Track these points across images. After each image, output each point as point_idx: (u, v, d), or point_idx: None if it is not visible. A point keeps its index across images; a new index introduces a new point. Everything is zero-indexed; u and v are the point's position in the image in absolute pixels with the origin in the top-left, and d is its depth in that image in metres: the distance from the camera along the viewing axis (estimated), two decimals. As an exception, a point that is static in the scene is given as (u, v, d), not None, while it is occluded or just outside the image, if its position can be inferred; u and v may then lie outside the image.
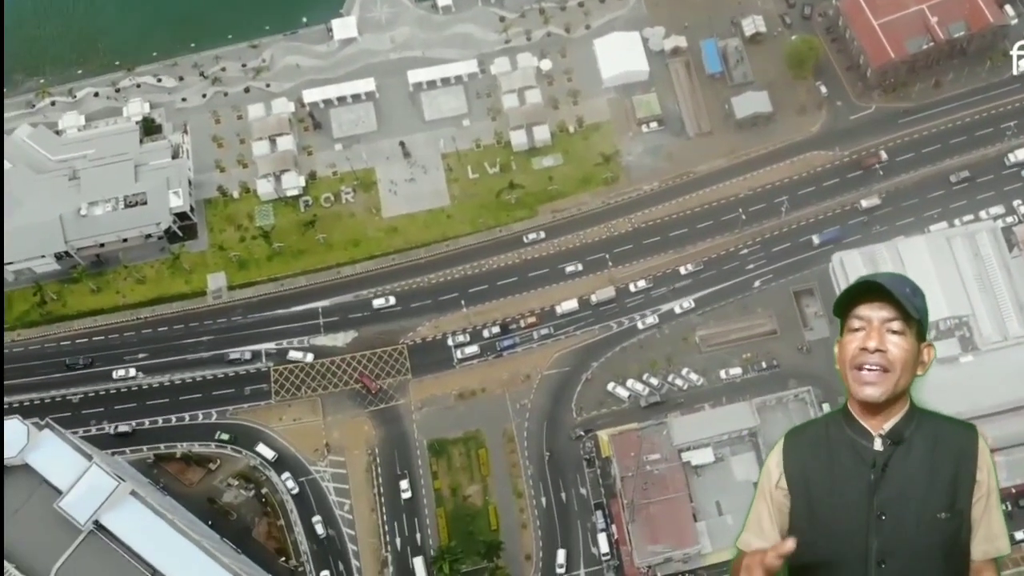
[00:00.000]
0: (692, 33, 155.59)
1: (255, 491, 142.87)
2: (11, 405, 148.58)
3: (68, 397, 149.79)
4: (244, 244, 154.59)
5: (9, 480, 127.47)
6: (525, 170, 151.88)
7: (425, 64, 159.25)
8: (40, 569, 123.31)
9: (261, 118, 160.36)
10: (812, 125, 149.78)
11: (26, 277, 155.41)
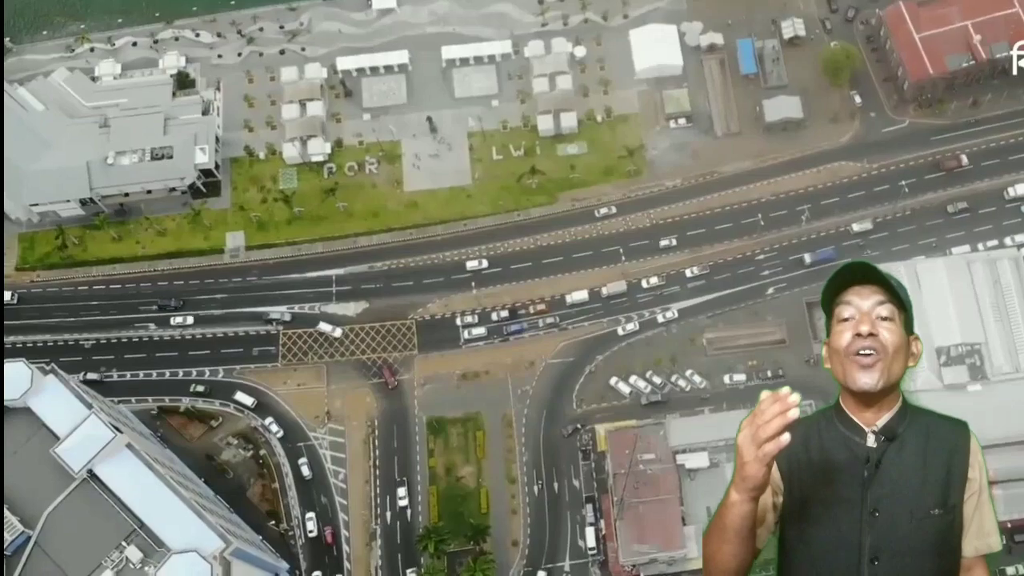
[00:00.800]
0: (730, 31, 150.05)
1: (253, 452, 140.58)
2: (24, 345, 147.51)
3: (80, 342, 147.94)
4: (265, 206, 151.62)
5: (10, 422, 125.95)
6: (549, 156, 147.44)
7: (460, 41, 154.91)
8: (31, 512, 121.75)
9: (293, 81, 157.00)
10: (843, 135, 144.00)
11: (50, 220, 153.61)
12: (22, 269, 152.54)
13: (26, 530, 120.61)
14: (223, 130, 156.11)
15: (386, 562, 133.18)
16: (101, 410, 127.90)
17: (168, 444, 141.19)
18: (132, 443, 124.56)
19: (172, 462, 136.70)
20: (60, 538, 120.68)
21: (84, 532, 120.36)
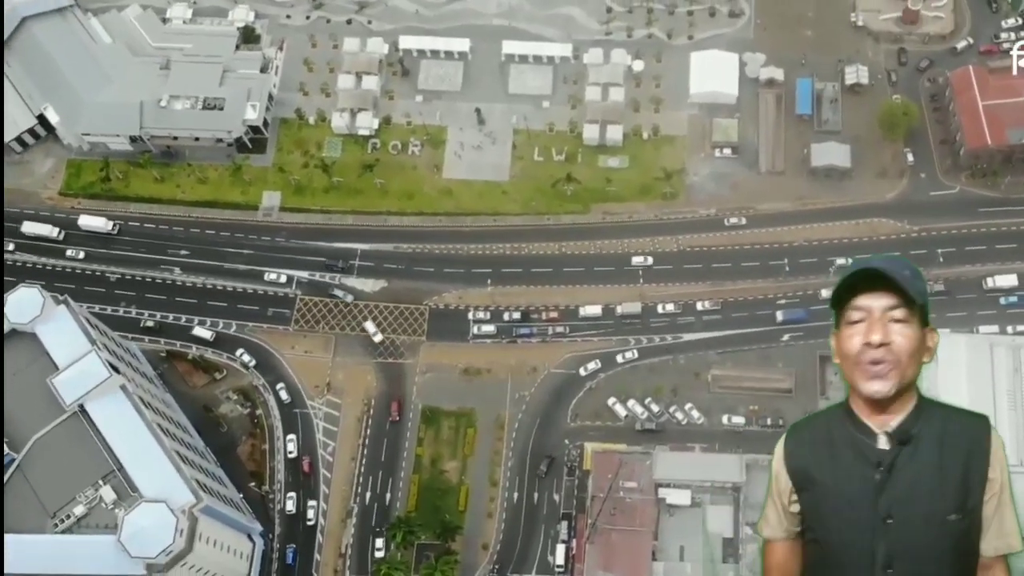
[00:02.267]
0: (792, 68, 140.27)
1: (251, 410, 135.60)
2: (52, 268, 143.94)
3: (107, 274, 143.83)
4: (306, 170, 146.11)
5: (15, 344, 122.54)
6: (589, 165, 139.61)
7: (522, 37, 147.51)
8: (20, 436, 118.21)
9: (354, 53, 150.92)
10: (888, 191, 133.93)
11: (99, 151, 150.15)
12: (65, 194, 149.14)
13: (11, 452, 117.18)
14: (278, 89, 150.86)
15: (357, 541, 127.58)
16: (105, 347, 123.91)
17: (170, 388, 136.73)
18: (126, 385, 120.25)
19: (169, 407, 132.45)
20: (42, 466, 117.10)
21: (65, 465, 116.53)
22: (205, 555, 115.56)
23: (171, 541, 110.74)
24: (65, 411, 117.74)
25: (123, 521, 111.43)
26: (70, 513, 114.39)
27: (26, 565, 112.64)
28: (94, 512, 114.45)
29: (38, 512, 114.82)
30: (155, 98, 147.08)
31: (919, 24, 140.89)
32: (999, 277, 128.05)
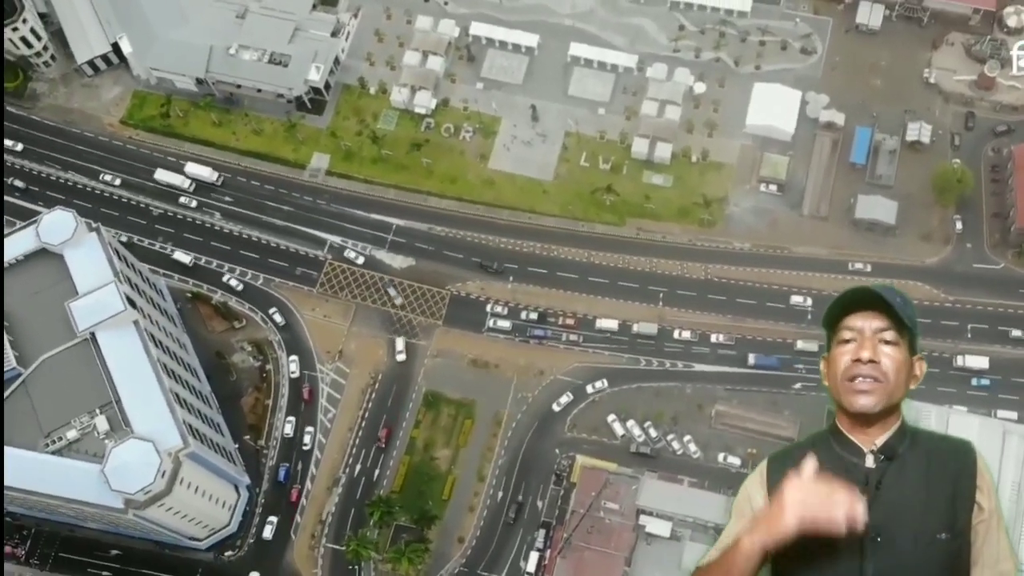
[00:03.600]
0: (854, 114, 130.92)
1: (261, 364, 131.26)
2: (99, 193, 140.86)
3: (150, 208, 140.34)
4: (358, 138, 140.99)
5: (43, 262, 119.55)
6: (633, 178, 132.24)
7: (591, 41, 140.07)
8: (29, 353, 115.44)
9: (425, 31, 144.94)
10: (930, 256, 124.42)
11: (164, 86, 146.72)
12: (126, 123, 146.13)
13: (19, 367, 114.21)
14: (346, 55, 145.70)
15: (339, 512, 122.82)
16: (128, 280, 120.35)
17: (189, 330, 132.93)
18: (139, 321, 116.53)
19: (184, 347, 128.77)
20: (45, 386, 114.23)
21: (67, 388, 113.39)
22: (184, 499, 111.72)
23: (151, 481, 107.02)
24: (76, 336, 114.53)
25: (110, 453, 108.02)
26: (63, 436, 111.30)
27: (11, 477, 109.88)
28: (85, 439, 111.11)
29: (33, 429, 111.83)
30: (225, 45, 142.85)
31: (993, 91, 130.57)
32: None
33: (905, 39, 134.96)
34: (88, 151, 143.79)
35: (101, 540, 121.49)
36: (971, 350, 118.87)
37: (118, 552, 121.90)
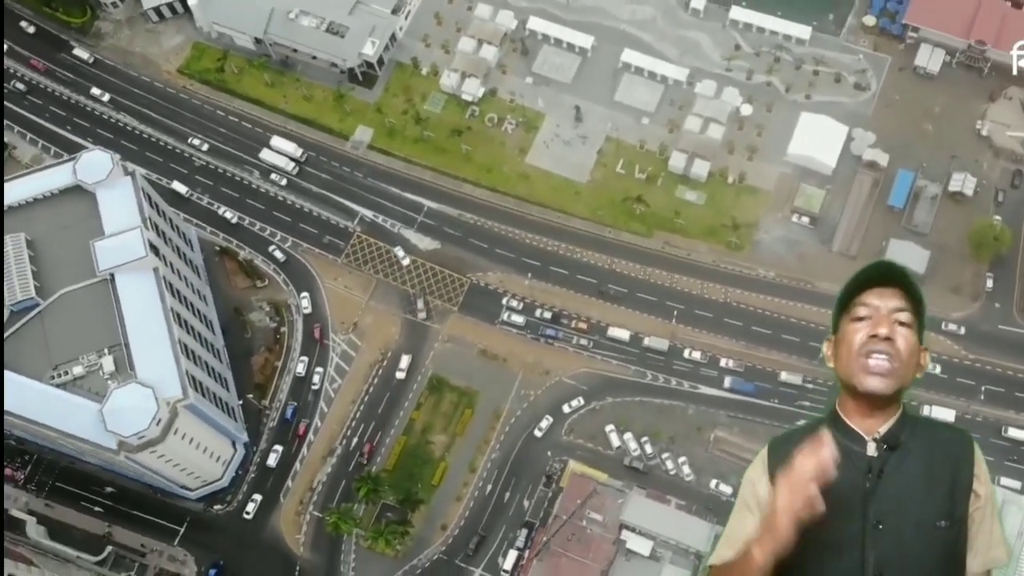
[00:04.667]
0: (898, 156, 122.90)
1: (276, 326, 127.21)
2: (147, 137, 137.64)
3: (192, 157, 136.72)
4: (403, 117, 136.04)
5: (75, 198, 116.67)
6: (666, 191, 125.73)
7: (644, 50, 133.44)
8: (50, 285, 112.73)
9: (483, 20, 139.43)
10: (956, 310, 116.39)
11: (224, 41, 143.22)
12: (182, 72, 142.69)
13: (37, 298, 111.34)
14: (404, 34, 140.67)
15: (330, 482, 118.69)
16: (155, 227, 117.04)
17: (212, 282, 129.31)
18: (159, 269, 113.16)
19: (203, 299, 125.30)
20: (59, 319, 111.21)
21: (80, 325, 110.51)
22: (177, 449, 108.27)
23: (146, 427, 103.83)
24: (96, 276, 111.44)
25: (111, 394, 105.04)
26: (69, 371, 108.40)
27: (14, 404, 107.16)
28: (90, 377, 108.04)
29: (42, 360, 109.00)
30: (287, 8, 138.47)
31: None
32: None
33: (962, 87, 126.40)
34: (142, 95, 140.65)
35: (97, 476, 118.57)
36: (983, 411, 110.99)
37: (112, 490, 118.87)
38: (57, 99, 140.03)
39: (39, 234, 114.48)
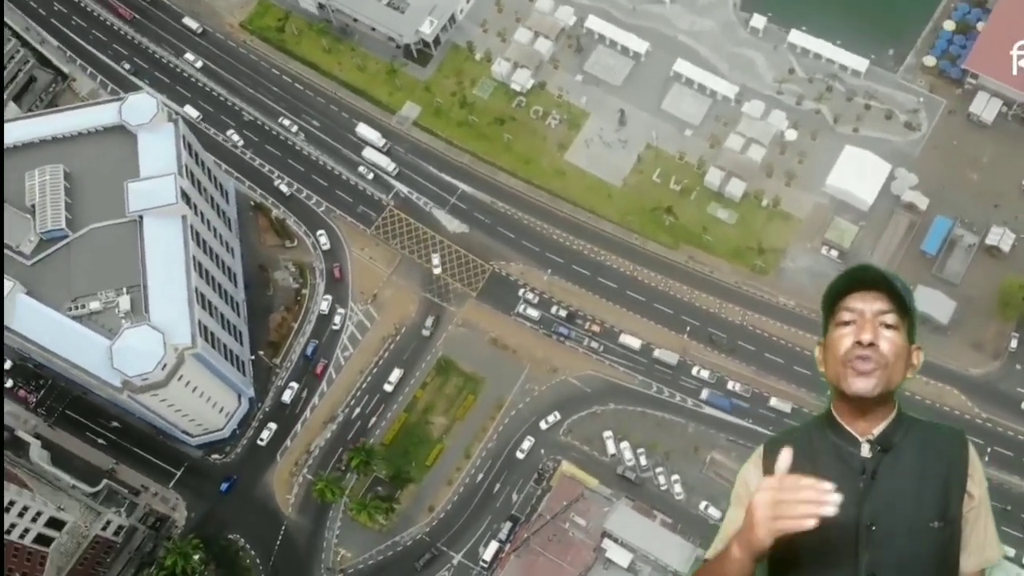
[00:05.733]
0: (938, 201, 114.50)
1: (299, 288, 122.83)
2: (202, 86, 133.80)
3: (242, 111, 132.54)
4: (451, 98, 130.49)
5: (116, 137, 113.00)
6: (698, 206, 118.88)
7: (698, 62, 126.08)
8: (81, 219, 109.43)
9: (543, 13, 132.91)
10: (975, 366, 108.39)
11: (288, 2, 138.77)
12: (244, 27, 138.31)
13: (67, 230, 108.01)
14: (463, 16, 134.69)
15: (327, 448, 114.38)
16: (191, 175, 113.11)
17: (243, 236, 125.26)
18: (187, 217, 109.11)
19: (231, 252, 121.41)
20: (84, 253, 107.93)
21: (103, 261, 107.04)
22: (179, 395, 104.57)
23: (150, 369, 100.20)
24: (126, 216, 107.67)
25: (122, 333, 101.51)
26: (87, 304, 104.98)
27: (29, 329, 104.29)
28: (106, 313, 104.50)
29: (63, 291, 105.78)
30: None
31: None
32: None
33: (1014, 140, 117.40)
34: (203, 45, 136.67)
35: (105, 409, 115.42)
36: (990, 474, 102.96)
37: (118, 425, 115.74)
38: (121, 37, 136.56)
39: (78, 168, 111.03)
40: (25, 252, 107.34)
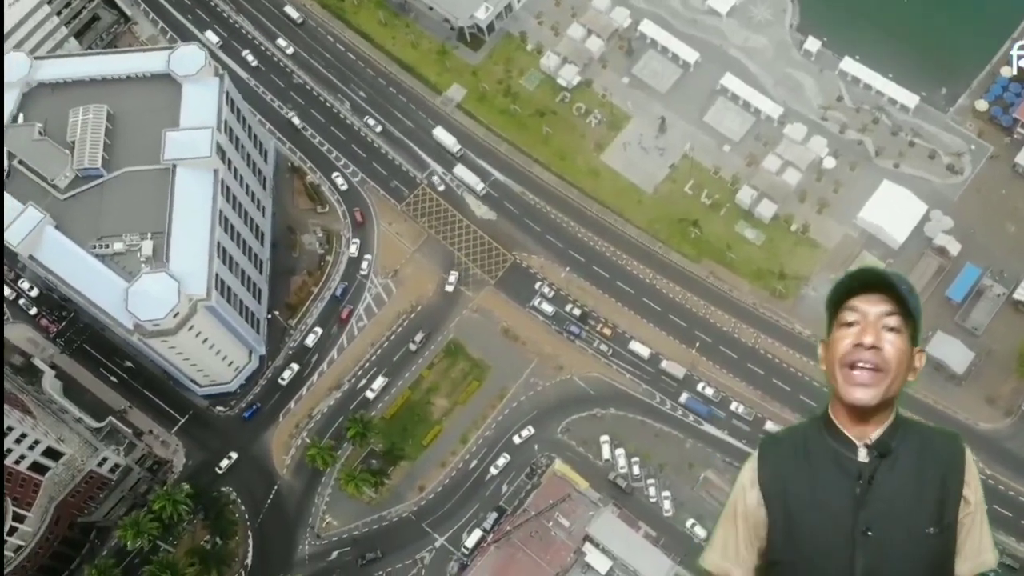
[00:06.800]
0: (971, 248, 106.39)
1: (324, 254, 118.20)
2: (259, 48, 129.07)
3: (293, 73, 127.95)
4: (497, 86, 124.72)
5: (162, 85, 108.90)
6: (726, 223, 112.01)
7: (746, 79, 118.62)
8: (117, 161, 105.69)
9: (599, 12, 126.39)
10: (985, 421, 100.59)
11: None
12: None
13: (103, 170, 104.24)
14: (520, 6, 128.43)
15: (329, 415, 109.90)
16: (230, 131, 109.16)
17: (276, 197, 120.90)
18: (219, 171, 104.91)
19: (261, 211, 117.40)
20: (115, 194, 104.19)
21: (132, 204, 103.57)
22: (188, 344, 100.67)
23: (162, 316, 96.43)
24: (160, 163, 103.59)
25: (140, 277, 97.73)
26: (110, 244, 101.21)
27: (52, 261, 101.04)
28: (128, 256, 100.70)
29: (89, 229, 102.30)
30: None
31: None
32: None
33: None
34: (264, 4, 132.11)
35: (121, 348, 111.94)
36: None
37: (130, 365, 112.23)
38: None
39: (121, 111, 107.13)
40: (59, 186, 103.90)
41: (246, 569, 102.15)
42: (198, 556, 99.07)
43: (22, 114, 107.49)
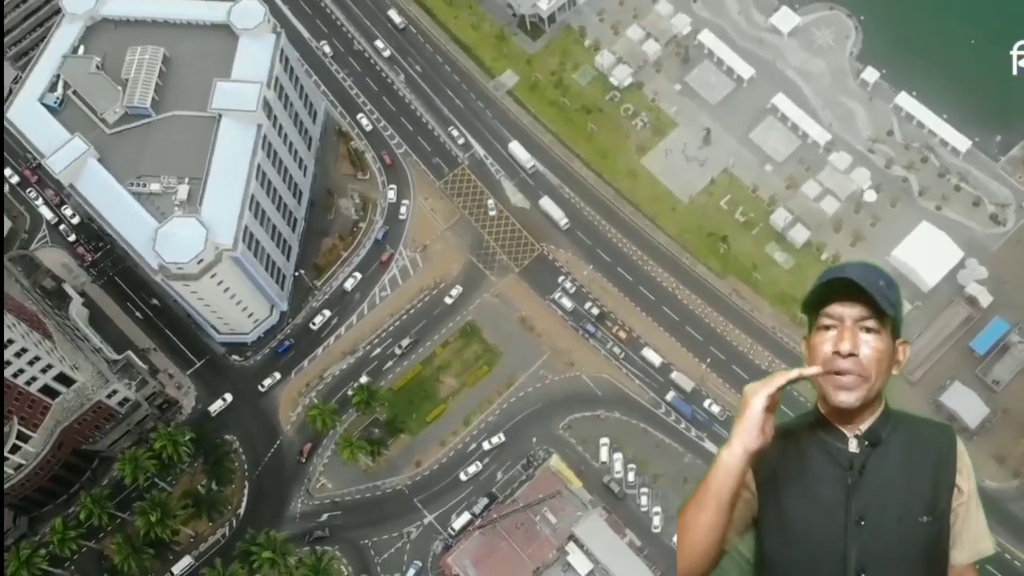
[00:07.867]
0: (1002, 302, 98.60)
1: (357, 221, 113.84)
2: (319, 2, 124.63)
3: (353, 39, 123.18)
4: (549, 77, 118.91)
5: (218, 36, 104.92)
6: (756, 243, 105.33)
7: (797, 101, 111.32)
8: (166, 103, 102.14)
9: (660, 16, 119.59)
10: (992, 479, 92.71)
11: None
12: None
13: (151, 110, 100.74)
14: (584, 1, 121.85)
15: (341, 379, 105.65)
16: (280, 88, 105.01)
17: (319, 159, 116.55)
18: (263, 126, 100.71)
19: (302, 169, 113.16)
20: (160, 136, 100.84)
21: (175, 148, 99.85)
22: (208, 291, 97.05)
23: (186, 261, 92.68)
24: (207, 111, 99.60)
25: (171, 219, 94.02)
26: (148, 184, 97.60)
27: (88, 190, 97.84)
28: (163, 197, 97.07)
29: (130, 166, 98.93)
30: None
31: None
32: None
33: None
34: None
35: (149, 285, 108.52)
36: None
37: (156, 303, 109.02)
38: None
39: (176, 55, 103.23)
40: (108, 121, 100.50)
41: (237, 518, 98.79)
42: (192, 499, 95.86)
43: (83, 46, 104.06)
